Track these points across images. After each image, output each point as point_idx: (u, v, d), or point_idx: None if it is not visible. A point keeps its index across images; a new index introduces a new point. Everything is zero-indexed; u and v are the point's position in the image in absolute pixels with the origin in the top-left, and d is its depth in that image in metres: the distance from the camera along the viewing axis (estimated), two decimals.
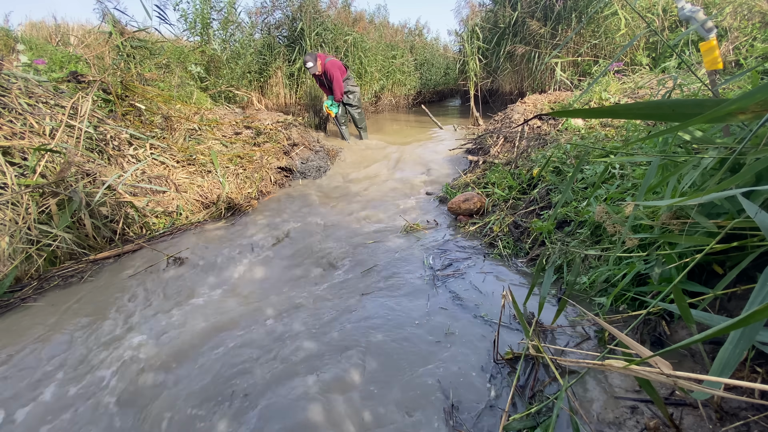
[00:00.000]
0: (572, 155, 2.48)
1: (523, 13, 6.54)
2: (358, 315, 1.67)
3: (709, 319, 0.95)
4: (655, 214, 1.31)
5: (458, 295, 1.78)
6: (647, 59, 5.09)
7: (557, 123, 3.43)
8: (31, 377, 1.40)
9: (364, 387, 1.28)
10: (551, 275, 1.42)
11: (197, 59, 5.59)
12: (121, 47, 4.07)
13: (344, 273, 2.05)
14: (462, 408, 1.18)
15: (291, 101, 7.44)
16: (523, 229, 2.22)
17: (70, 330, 1.67)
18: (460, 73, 7.92)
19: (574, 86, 5.43)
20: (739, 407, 0.94)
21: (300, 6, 6.98)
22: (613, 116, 0.82)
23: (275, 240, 2.50)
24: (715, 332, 0.54)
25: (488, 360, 1.36)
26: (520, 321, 1.23)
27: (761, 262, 0.98)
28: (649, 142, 1.64)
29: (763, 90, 0.63)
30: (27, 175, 2.31)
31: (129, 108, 3.23)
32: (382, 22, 9.65)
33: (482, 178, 3.13)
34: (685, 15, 1.27)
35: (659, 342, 1.23)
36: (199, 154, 3.27)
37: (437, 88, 10.94)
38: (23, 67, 3.21)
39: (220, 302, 1.85)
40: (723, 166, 1.06)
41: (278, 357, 1.44)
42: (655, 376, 0.72)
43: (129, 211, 2.62)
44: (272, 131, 4.07)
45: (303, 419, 1.17)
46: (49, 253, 2.18)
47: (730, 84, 2.48)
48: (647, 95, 3.41)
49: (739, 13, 4.32)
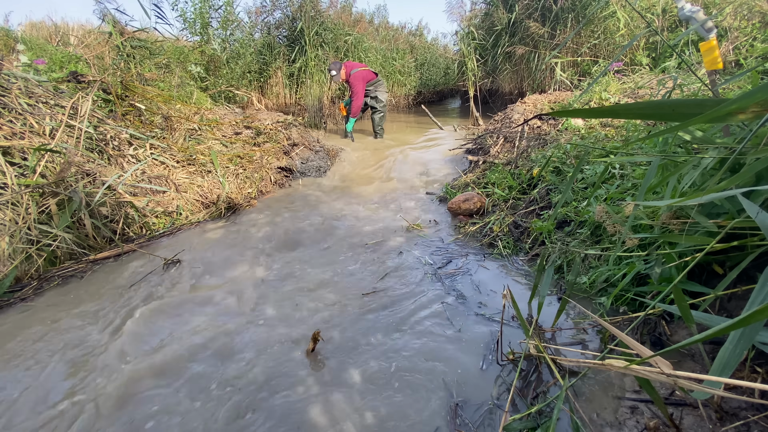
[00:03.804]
0: (572, 155, 2.48)
1: (521, 13, 6.54)
2: (359, 315, 1.67)
3: (709, 319, 0.95)
4: (655, 214, 1.31)
5: (459, 294, 1.78)
6: (647, 59, 5.09)
7: (557, 123, 3.43)
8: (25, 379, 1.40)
9: (365, 387, 1.28)
10: (551, 275, 1.42)
11: (197, 59, 5.59)
12: (121, 47, 4.07)
13: (345, 272, 2.05)
14: (465, 407, 1.18)
15: (291, 101, 7.44)
16: (523, 229, 2.22)
17: (69, 330, 1.67)
18: (459, 74, 7.92)
19: (574, 86, 5.43)
20: (739, 407, 0.94)
21: (300, 6, 6.98)
22: (613, 116, 0.82)
23: (275, 239, 2.50)
24: (715, 332, 0.54)
25: (491, 360, 1.36)
26: (520, 321, 1.23)
27: (761, 262, 0.98)
28: (649, 142, 1.64)
29: (763, 90, 0.63)
30: (27, 175, 2.31)
31: (129, 108, 3.23)
32: (382, 23, 9.66)
33: (482, 178, 3.13)
34: (685, 15, 1.27)
35: (659, 342, 1.23)
36: (199, 154, 3.27)
37: (437, 89, 10.94)
38: (23, 67, 3.21)
39: (220, 302, 1.84)
40: (723, 166, 1.06)
41: (278, 357, 1.44)
42: (655, 375, 0.72)
43: (129, 211, 2.62)
44: (272, 131, 4.06)
45: (299, 421, 1.17)
46: (49, 253, 2.18)
47: (730, 84, 2.48)
48: (647, 95, 3.41)
49: (739, 13, 4.32)
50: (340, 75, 5.24)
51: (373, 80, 5.49)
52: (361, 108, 5.37)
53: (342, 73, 5.25)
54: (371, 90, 5.50)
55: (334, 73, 5.21)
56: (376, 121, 5.68)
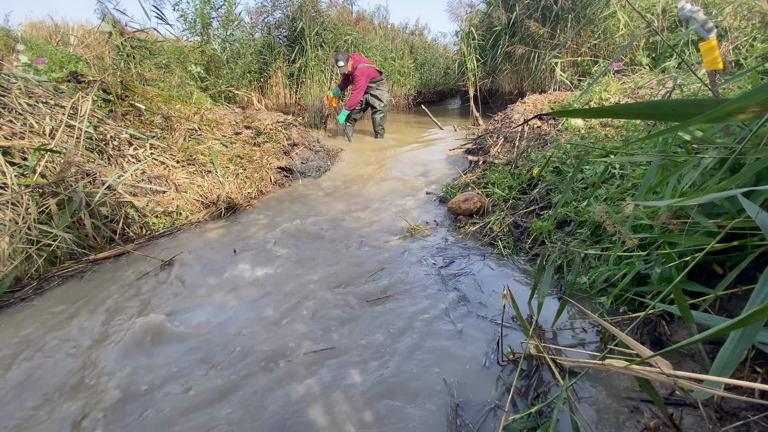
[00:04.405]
0: (572, 155, 2.48)
1: (521, 14, 6.54)
2: (359, 315, 1.67)
3: (709, 319, 0.95)
4: (655, 214, 1.31)
5: (459, 294, 1.78)
6: (647, 59, 5.10)
7: (557, 123, 3.43)
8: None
9: (365, 387, 1.28)
10: (551, 275, 1.42)
11: (197, 59, 5.59)
12: (121, 47, 4.07)
13: (345, 272, 2.05)
14: (466, 408, 1.18)
15: (291, 101, 7.44)
16: (523, 229, 2.22)
17: (69, 330, 1.67)
18: (459, 74, 7.92)
19: (574, 86, 5.43)
20: (739, 407, 0.94)
21: (300, 6, 6.98)
22: (613, 116, 0.82)
23: (275, 239, 2.50)
24: (715, 332, 0.54)
25: (491, 360, 1.36)
26: (520, 321, 1.23)
27: (761, 262, 0.98)
28: (649, 142, 1.64)
29: (763, 90, 0.63)
30: (27, 175, 2.31)
31: (129, 108, 3.23)
32: (382, 23, 9.66)
33: (482, 178, 3.13)
34: (685, 15, 1.27)
35: (659, 342, 1.23)
36: (199, 154, 3.27)
37: (437, 89, 10.94)
38: (23, 67, 3.21)
39: (219, 302, 1.84)
40: (723, 166, 1.06)
41: (277, 359, 1.44)
42: (655, 375, 0.72)
43: (129, 211, 2.62)
44: (272, 131, 4.06)
45: (299, 422, 1.17)
46: (49, 253, 2.18)
47: (730, 84, 2.48)
48: (647, 95, 3.41)
49: (739, 13, 4.32)
50: (347, 66, 5.24)
51: (376, 78, 5.49)
52: (355, 103, 5.34)
53: (349, 65, 5.25)
54: (373, 87, 5.49)
55: (341, 64, 5.21)
56: (377, 120, 5.68)
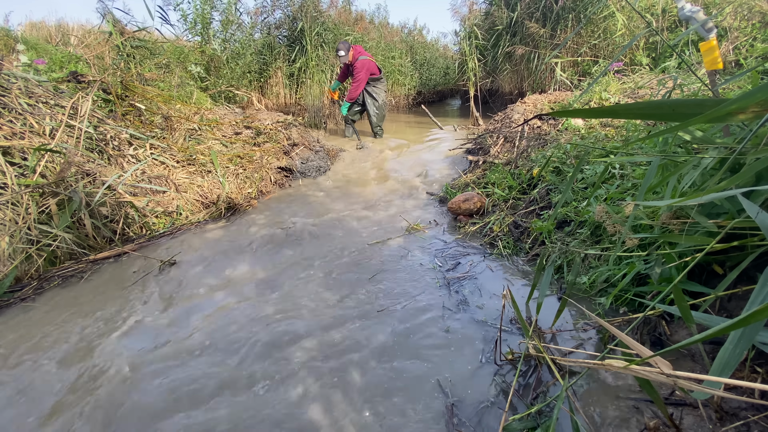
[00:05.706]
0: (572, 155, 2.48)
1: (522, 14, 6.54)
2: (359, 314, 1.67)
3: (708, 319, 0.95)
4: (655, 214, 1.31)
5: (459, 294, 1.78)
6: (647, 59, 5.09)
7: (557, 123, 3.43)
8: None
9: (366, 388, 1.28)
10: (550, 275, 1.42)
11: (197, 59, 5.59)
12: (121, 47, 4.07)
13: (345, 272, 2.05)
14: (463, 408, 1.18)
15: (291, 101, 7.43)
16: (523, 229, 2.22)
17: (69, 330, 1.67)
18: (459, 74, 7.92)
19: (574, 86, 5.42)
20: (739, 407, 0.94)
21: (300, 6, 6.98)
22: (613, 116, 0.82)
23: (275, 240, 2.50)
24: (715, 332, 0.54)
25: (490, 360, 1.36)
26: (520, 321, 1.23)
27: (761, 262, 0.98)
28: (649, 142, 1.64)
29: (763, 90, 0.63)
30: (27, 175, 2.31)
31: (129, 108, 3.23)
32: (381, 22, 9.65)
33: (482, 178, 3.13)
34: (685, 15, 1.27)
35: (659, 342, 1.23)
36: (199, 154, 3.27)
37: (437, 89, 10.93)
38: (23, 67, 3.21)
39: (219, 302, 1.84)
40: (723, 166, 1.06)
41: (278, 359, 1.44)
42: (655, 376, 0.72)
43: (129, 211, 2.62)
44: (272, 131, 4.06)
45: (303, 420, 1.17)
46: (49, 253, 2.18)
47: (730, 84, 2.48)
48: (647, 95, 3.41)
49: (739, 13, 4.32)
50: (348, 56, 5.23)
51: (376, 76, 5.47)
52: (356, 95, 5.33)
53: (349, 55, 5.24)
54: (371, 84, 5.47)
55: (342, 54, 5.20)
56: (374, 121, 5.67)
